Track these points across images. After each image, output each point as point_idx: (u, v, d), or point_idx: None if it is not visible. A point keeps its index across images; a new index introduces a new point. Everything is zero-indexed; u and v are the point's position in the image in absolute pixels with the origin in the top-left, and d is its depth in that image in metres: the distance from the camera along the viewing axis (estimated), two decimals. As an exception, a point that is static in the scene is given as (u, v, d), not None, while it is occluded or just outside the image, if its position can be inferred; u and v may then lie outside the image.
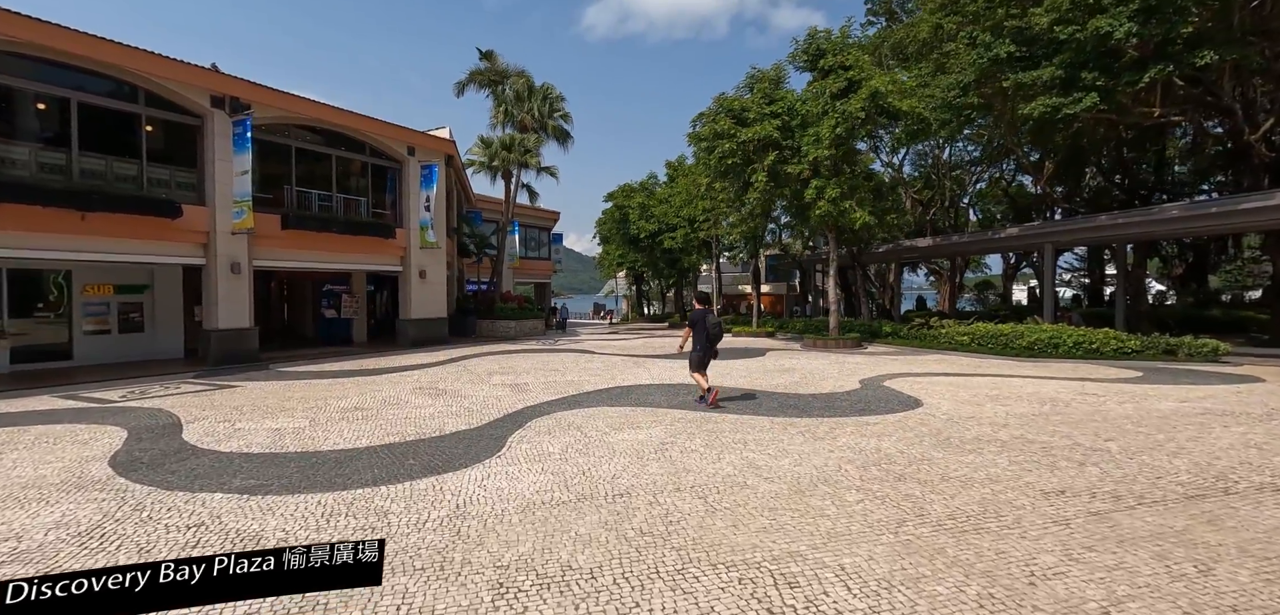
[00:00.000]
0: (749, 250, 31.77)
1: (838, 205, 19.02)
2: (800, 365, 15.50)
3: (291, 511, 5.10)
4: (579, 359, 17.29)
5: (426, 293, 22.53)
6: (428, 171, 22.04)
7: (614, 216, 39.19)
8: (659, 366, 15.40)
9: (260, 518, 4.97)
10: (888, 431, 7.81)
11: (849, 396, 10.60)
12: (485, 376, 13.70)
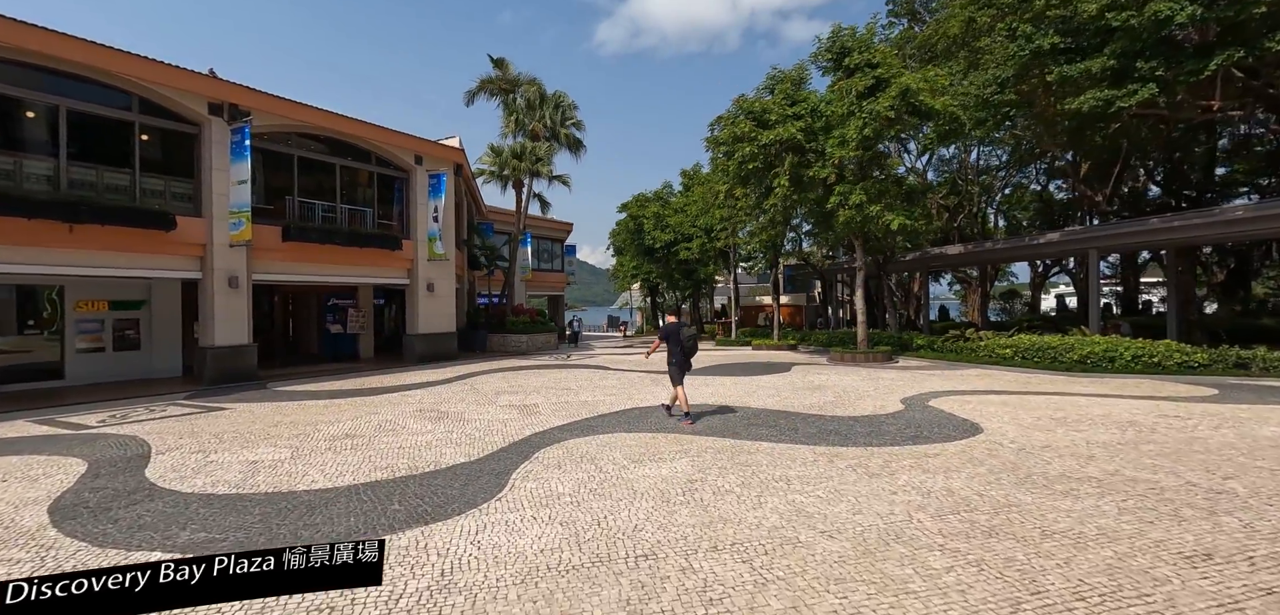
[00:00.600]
0: (768, 260, 30.65)
1: (864, 211, 17.89)
2: (831, 382, 14.35)
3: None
4: (592, 376, 16.27)
5: (434, 306, 21.68)
6: (436, 181, 21.25)
7: (628, 227, 38.23)
8: (679, 384, 14.33)
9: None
10: (953, 465, 6.68)
11: (895, 420, 9.46)
12: (492, 397, 12.72)
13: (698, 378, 15.38)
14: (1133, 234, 17.45)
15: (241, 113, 15.87)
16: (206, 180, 15.49)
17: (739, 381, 14.71)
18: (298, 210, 17.96)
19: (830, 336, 26.74)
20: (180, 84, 14.95)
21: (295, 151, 17.95)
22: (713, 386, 13.82)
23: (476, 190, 31.32)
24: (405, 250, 20.56)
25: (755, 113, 19.05)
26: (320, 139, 18.80)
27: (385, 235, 19.73)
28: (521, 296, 38.21)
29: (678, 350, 9.75)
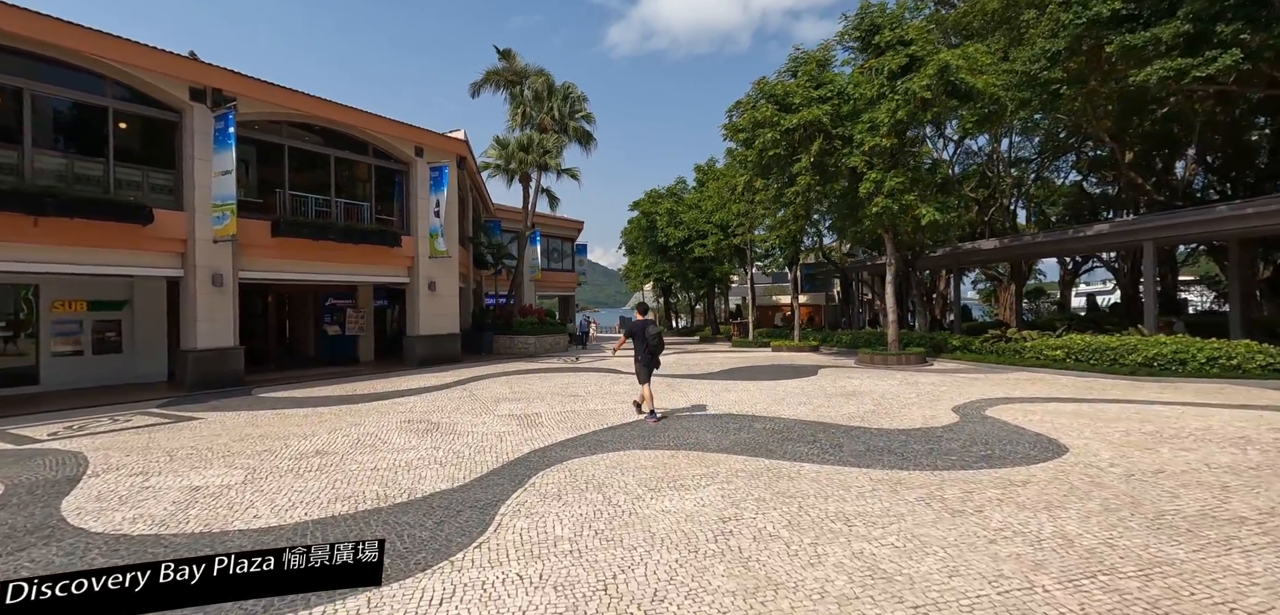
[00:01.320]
0: (786, 257, 29.21)
1: (898, 200, 16.47)
2: (866, 387, 12.97)
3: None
4: (603, 380, 15.00)
5: (436, 306, 20.52)
6: (437, 174, 20.10)
7: (640, 224, 36.96)
8: (699, 389, 13.02)
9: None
10: (1053, 498, 5.32)
11: (955, 435, 8.08)
12: (491, 404, 11.48)
13: (718, 383, 14.07)
14: (1197, 224, 15.88)
15: (225, 99, 14.78)
16: (188, 171, 14.41)
17: (763, 387, 13.37)
18: (289, 204, 16.86)
19: (854, 337, 25.26)
20: (158, 67, 13.88)
21: (286, 142, 16.84)
22: (735, 393, 12.49)
23: (483, 187, 30.20)
24: (405, 247, 19.41)
25: (777, 96, 17.68)
26: (313, 129, 17.71)
27: (383, 231, 18.58)
28: (531, 297, 37.06)
29: (643, 348, 9.65)
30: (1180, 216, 16.31)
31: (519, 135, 24.41)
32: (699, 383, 14.27)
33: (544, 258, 39.09)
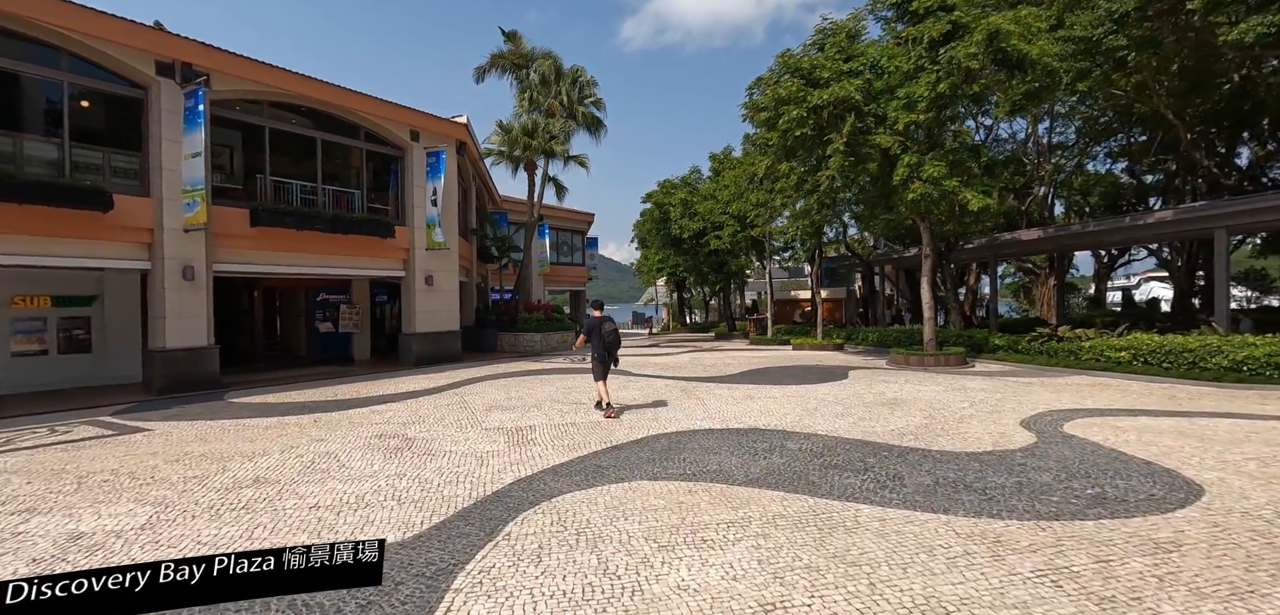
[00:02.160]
0: (808, 250, 27.53)
1: (939, 185, 14.80)
2: (908, 393, 11.39)
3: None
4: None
5: (434, 302, 19.17)
6: (434, 159, 18.72)
7: (653, 216, 35.45)
8: (718, 396, 11.51)
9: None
10: (1231, 576, 3.77)
11: (1040, 462, 6.51)
12: (481, 414, 10.06)
13: (738, 387, 12.55)
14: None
15: (196, 74, 13.48)
16: (155, 153, 13.13)
17: (790, 393, 11.82)
18: (270, 191, 15.54)
19: (882, 335, 23.57)
20: (120, 38, 12.58)
21: (267, 123, 15.52)
22: (760, 401, 10.95)
23: (488, 177, 28.83)
24: (399, 238, 18.06)
25: (803, 71, 16.05)
26: (299, 111, 16.39)
27: (375, 221, 17.22)
28: (539, 292, 35.73)
29: (598, 345, 9.75)
30: (1261, 201, 14.49)
31: (523, 119, 22.97)
32: (717, 388, 12.76)
33: (553, 251, 37.68)
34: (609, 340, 9.77)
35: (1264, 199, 14.56)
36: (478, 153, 23.24)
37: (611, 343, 9.81)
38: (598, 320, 9.93)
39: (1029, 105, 15.70)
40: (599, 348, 9.78)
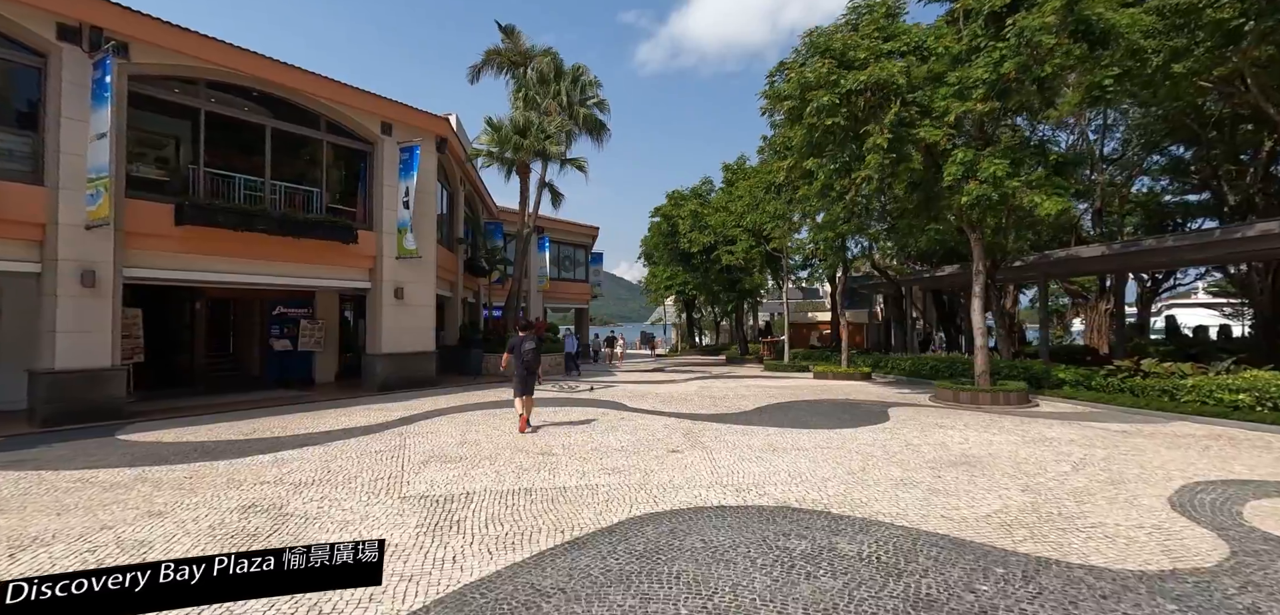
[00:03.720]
0: (830, 266, 24.89)
1: (999, 186, 12.25)
2: (978, 445, 8.74)
3: None
4: (596, 423, 11.00)
5: (405, 318, 16.78)
6: (407, 155, 16.42)
7: (661, 230, 33.06)
8: (731, 445, 8.89)
9: None
10: None
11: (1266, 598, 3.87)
12: (412, 471, 7.53)
13: (756, 431, 9.92)
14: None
15: (106, 40, 11.25)
16: (52, 133, 10.89)
17: (822, 440, 9.19)
18: (204, 184, 13.25)
19: (915, 363, 20.84)
20: (8, -8, 10.40)
21: (204, 106, 13.27)
22: (786, 456, 8.30)
23: (481, 184, 26.57)
24: (363, 244, 15.74)
25: (835, 51, 13.58)
26: (249, 94, 14.17)
27: (333, 224, 14.88)
28: (538, 309, 33.36)
29: (519, 364, 10.18)
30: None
31: (514, 115, 20.64)
32: (730, 431, 10.16)
33: (553, 266, 35.32)
34: (528, 360, 10.24)
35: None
36: (464, 153, 20.95)
37: (531, 362, 10.29)
38: (519, 339, 10.43)
39: (1111, 93, 13.06)
40: (519, 367, 10.23)
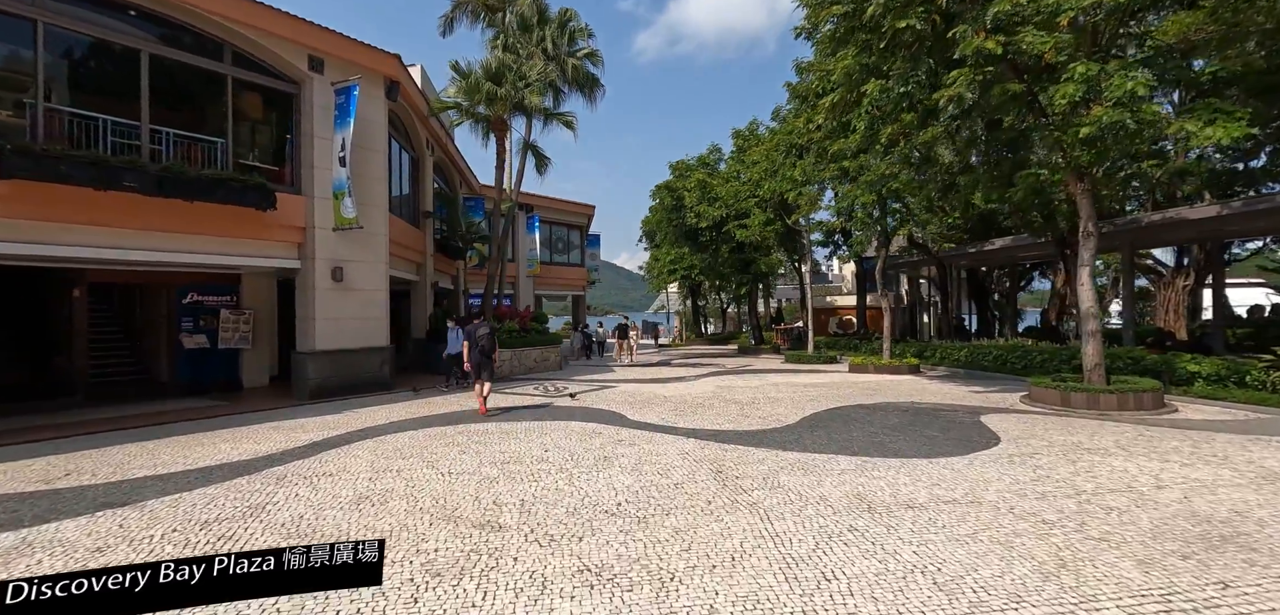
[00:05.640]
0: (860, 242, 21.32)
1: (1136, 110, 8.78)
2: (1197, 493, 5.31)
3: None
4: (577, 460, 7.56)
5: (347, 306, 13.33)
6: (343, 99, 12.91)
7: (665, 205, 29.59)
8: (789, 501, 5.41)
9: None
10: None
11: None
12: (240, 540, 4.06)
13: (818, 463, 6.41)
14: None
15: None
16: None
17: (927, 482, 5.74)
18: (44, 125, 9.73)
19: (972, 352, 17.40)
20: None
21: (41, 15, 9.74)
22: (900, 529, 4.80)
23: (455, 151, 23.03)
24: (286, 212, 12.26)
25: (904, -66, 10.01)
26: (119, 6, 10.63)
27: (239, 184, 11.31)
28: (528, 297, 29.93)
29: (475, 351, 10.57)
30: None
31: (486, 59, 17.02)
32: (779, 462, 6.72)
33: (545, 248, 31.87)
34: (484, 345, 10.59)
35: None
36: (427, 107, 17.38)
37: (487, 347, 10.63)
38: (474, 327, 10.85)
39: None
40: (475, 353, 10.55)
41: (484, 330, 10.75)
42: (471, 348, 10.63)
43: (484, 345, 10.58)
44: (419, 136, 18.02)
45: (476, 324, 10.96)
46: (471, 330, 10.78)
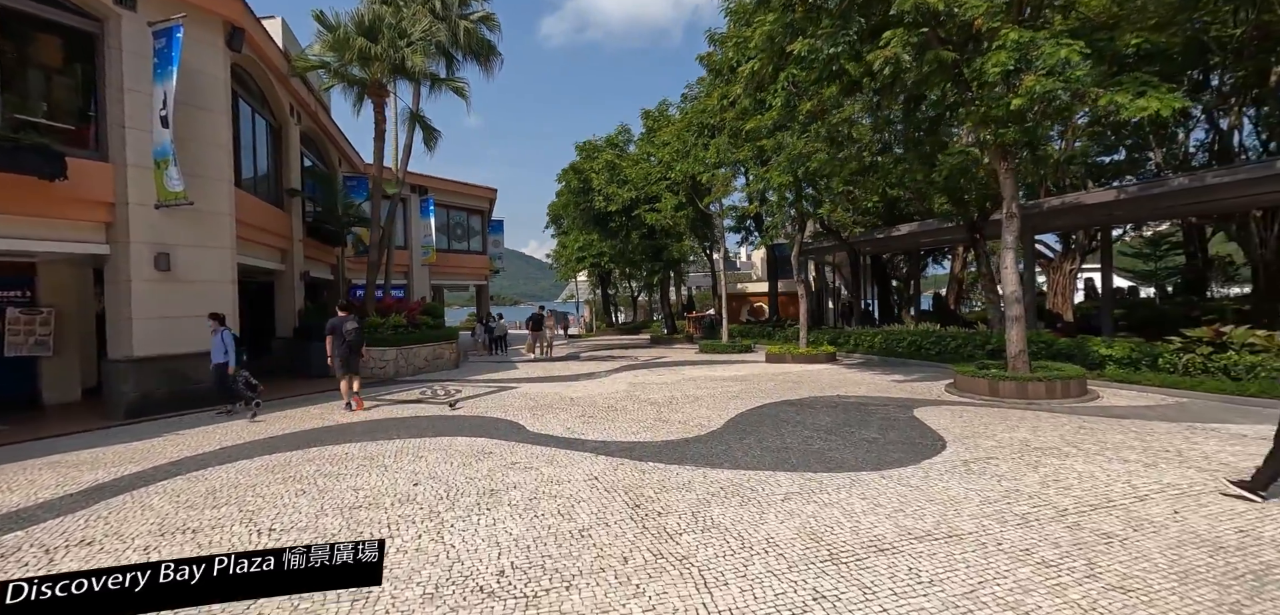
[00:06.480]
0: (776, 224, 20.69)
1: (1070, 78, 8.29)
2: (1157, 496, 4.55)
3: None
4: (457, 489, 5.99)
5: (177, 301, 10.83)
6: (164, 43, 10.36)
7: (573, 187, 27.91)
8: (735, 547, 4.11)
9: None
10: None
11: None
12: None
13: (754, 478, 5.15)
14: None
15: None
16: None
17: (886, 508, 4.70)
18: None
19: (887, 338, 17.19)
20: None
21: None
22: (854, 576, 3.66)
23: (335, 128, 20.28)
24: (88, 182, 9.68)
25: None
26: None
27: (9, 144, 8.67)
28: (424, 287, 27.36)
29: (341, 345, 10.19)
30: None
31: (359, 8, 14.62)
32: (710, 486, 5.48)
33: (443, 235, 29.28)
34: (351, 340, 10.28)
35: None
36: (287, 65, 14.77)
37: (355, 343, 10.35)
38: (340, 320, 10.40)
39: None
40: (341, 347, 10.21)
41: (351, 324, 10.40)
42: (337, 343, 10.17)
43: (351, 340, 10.24)
44: (280, 101, 15.36)
45: (343, 318, 10.47)
46: (337, 323, 10.33)
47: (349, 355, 10.27)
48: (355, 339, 10.37)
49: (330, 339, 10.32)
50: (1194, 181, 12.87)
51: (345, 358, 10.23)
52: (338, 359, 10.24)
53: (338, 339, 10.23)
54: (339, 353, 10.22)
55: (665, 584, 3.67)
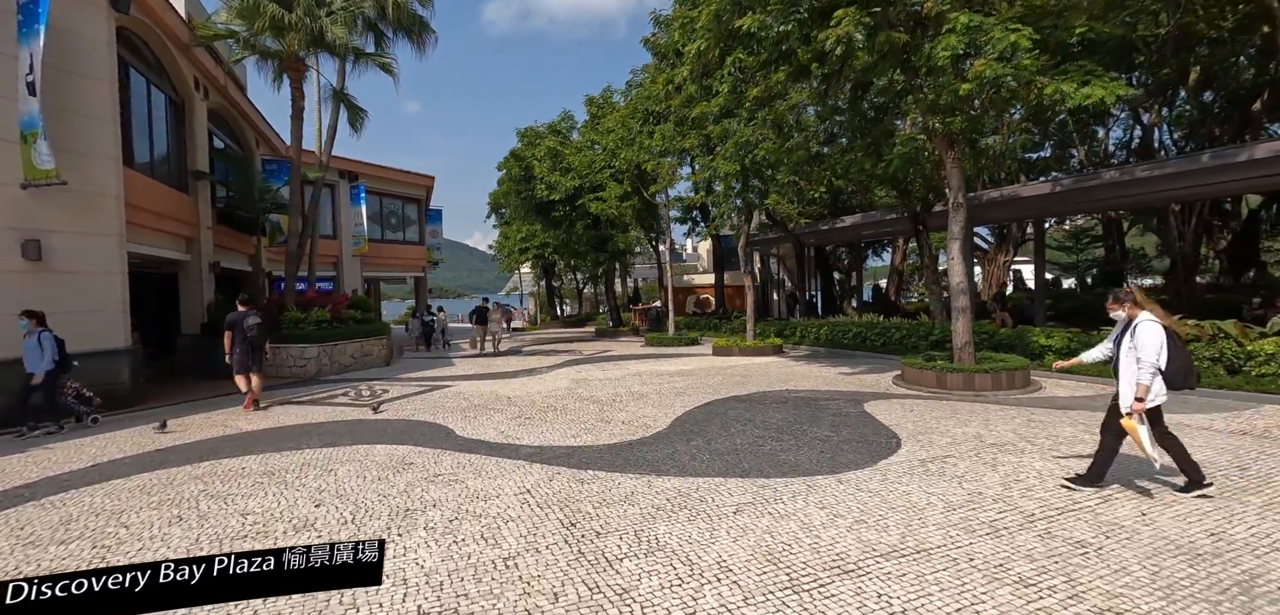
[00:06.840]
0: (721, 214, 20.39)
1: (1017, 66, 8.19)
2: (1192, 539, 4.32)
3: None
4: (366, 509, 5.26)
5: (53, 297, 9.49)
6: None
7: (514, 174, 26.89)
8: (682, 572, 3.58)
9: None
10: None
11: None
12: None
13: (701, 485, 4.63)
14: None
15: None
16: None
17: (849, 519, 4.27)
18: None
19: (832, 330, 17.15)
20: None
21: None
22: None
23: (251, 108, 18.69)
24: (-74, 156, 8.25)
25: None
26: None
27: None
28: (356, 279, 25.86)
29: (243, 341, 9.71)
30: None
31: (271, -27, 13.32)
32: (655, 497, 4.95)
33: (376, 224, 27.77)
34: (253, 336, 9.76)
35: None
36: (190, 36, 13.33)
37: (257, 339, 9.84)
38: (241, 315, 9.82)
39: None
40: (243, 343, 9.70)
41: (253, 319, 9.89)
42: (238, 338, 9.65)
43: (252, 336, 9.77)
44: (182, 73, 13.87)
45: (244, 312, 9.87)
46: (237, 318, 9.76)
47: (250, 352, 9.75)
48: (257, 335, 9.85)
49: (229, 335, 9.70)
50: (1124, 175, 13.23)
51: (244, 355, 9.70)
52: (236, 356, 9.68)
53: (238, 334, 9.68)
54: (240, 348, 9.68)
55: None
